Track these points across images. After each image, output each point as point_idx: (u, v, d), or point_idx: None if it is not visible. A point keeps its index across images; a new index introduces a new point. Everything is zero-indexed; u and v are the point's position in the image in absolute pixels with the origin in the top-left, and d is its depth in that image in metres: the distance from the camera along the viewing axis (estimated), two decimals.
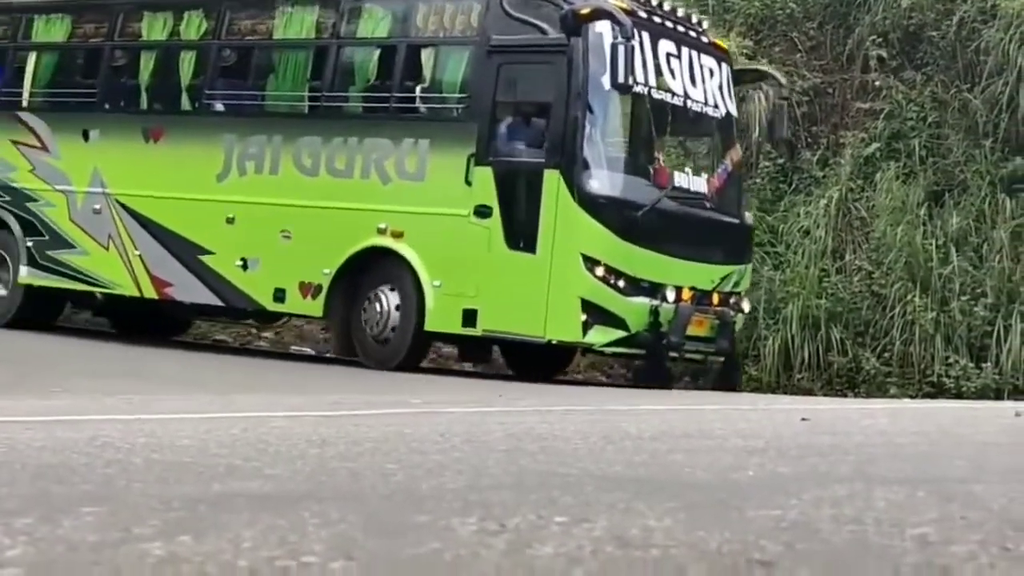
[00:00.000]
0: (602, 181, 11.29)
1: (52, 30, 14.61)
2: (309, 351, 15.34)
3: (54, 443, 4.25)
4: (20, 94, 14.74)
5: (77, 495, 2.88)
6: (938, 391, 13.08)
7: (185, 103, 13.48)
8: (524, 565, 2.04)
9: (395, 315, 11.89)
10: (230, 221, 12.71)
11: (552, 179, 11.17)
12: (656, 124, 11.60)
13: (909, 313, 13.52)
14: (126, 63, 14.02)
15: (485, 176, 11.46)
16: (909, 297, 13.62)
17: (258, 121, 13.03)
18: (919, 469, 3.62)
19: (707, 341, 11.79)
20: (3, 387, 7.72)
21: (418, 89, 12.20)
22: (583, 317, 11.03)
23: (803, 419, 5.67)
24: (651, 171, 11.62)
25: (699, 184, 12.06)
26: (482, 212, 11.38)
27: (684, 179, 11.88)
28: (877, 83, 15.37)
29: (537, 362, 12.53)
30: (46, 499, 2.81)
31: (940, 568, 2.09)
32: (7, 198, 14.44)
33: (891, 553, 2.18)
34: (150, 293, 13.33)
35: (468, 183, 11.50)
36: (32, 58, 14.87)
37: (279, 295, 12.43)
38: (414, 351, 11.93)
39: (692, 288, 11.56)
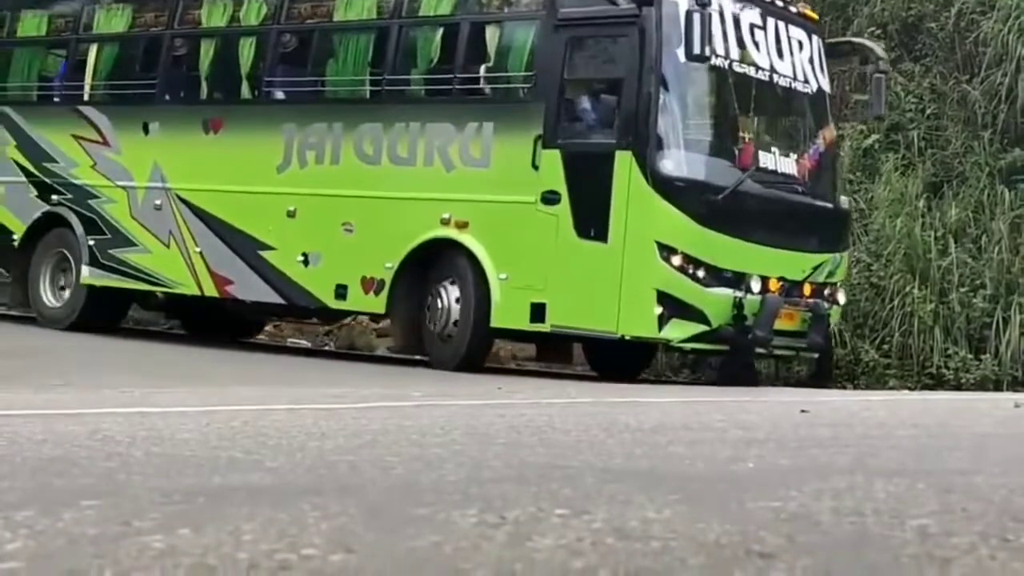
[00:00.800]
0: (678, 162, 10.59)
1: (113, 21, 14.17)
2: (306, 344, 15.34)
3: (55, 436, 4.25)
4: (82, 88, 14.28)
5: (77, 488, 2.88)
6: (937, 383, 13.09)
7: (245, 91, 13.01)
8: (524, 557, 2.04)
9: (456, 310, 11.24)
10: (291, 214, 12.19)
11: (624, 161, 10.48)
12: (739, 100, 10.88)
13: (908, 305, 13.52)
14: (186, 52, 13.59)
15: (553, 160, 10.80)
16: (908, 289, 13.62)
17: (318, 108, 12.48)
18: (919, 461, 3.63)
19: (798, 336, 11.10)
20: (4, 380, 7.73)
21: (482, 69, 11.60)
22: (659, 310, 10.39)
23: (802, 411, 5.67)
24: (733, 151, 10.90)
25: (788, 165, 11.26)
26: (550, 199, 10.75)
27: (771, 160, 11.12)
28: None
29: (620, 361, 11.91)
30: (47, 492, 2.81)
31: (940, 560, 2.09)
32: (69, 195, 13.96)
33: (891, 544, 2.18)
34: (211, 292, 12.84)
35: (535, 167, 10.86)
36: (93, 50, 14.29)
37: (341, 292, 11.87)
38: (477, 349, 11.31)
39: (780, 278, 10.87)
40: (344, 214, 11.90)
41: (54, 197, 14.02)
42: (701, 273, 10.46)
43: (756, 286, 10.64)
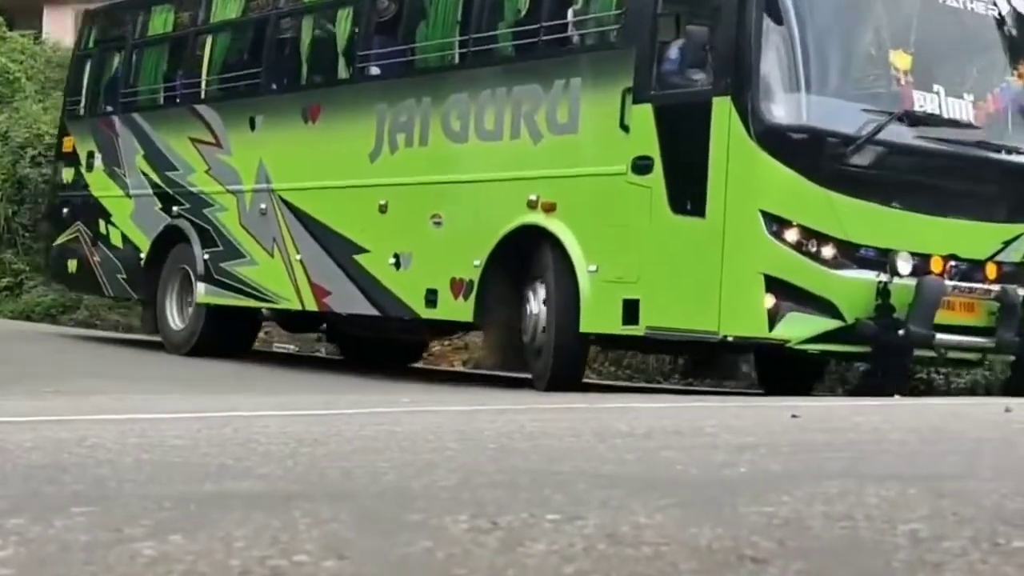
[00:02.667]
0: (791, 106, 8.48)
1: (228, 7, 13.08)
2: (293, 348, 15.28)
3: (45, 443, 4.24)
4: (198, 85, 13.15)
5: (68, 495, 2.88)
6: (928, 388, 13.09)
7: (341, 70, 11.65)
8: (516, 563, 2.04)
9: (543, 313, 9.35)
10: (383, 209, 10.72)
11: (722, 109, 8.42)
12: (883, 22, 8.88)
13: None
14: (290, 34, 12.31)
15: (644, 117, 8.81)
16: None
17: (408, 82, 11.03)
18: (910, 466, 3.63)
19: (980, 333, 8.80)
20: None
21: (569, 13, 9.93)
22: (769, 302, 8.27)
23: (794, 416, 5.67)
24: (874, 90, 8.85)
25: (959, 108, 8.89)
26: (642, 166, 8.78)
27: (932, 101, 8.75)
28: None
29: (788, 374, 10.10)
30: (37, 499, 2.80)
31: (932, 564, 2.10)
32: (186, 205, 12.68)
33: (883, 549, 2.18)
34: (311, 305, 11.41)
35: (624, 129, 8.94)
36: (208, 43, 13.10)
37: (431, 298, 10.22)
38: (567, 360, 9.32)
39: (951, 256, 8.66)
40: (433, 205, 10.38)
41: (175, 209, 12.84)
42: (827, 251, 8.36)
43: (905, 266, 8.43)
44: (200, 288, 12.40)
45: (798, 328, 8.39)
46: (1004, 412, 6.21)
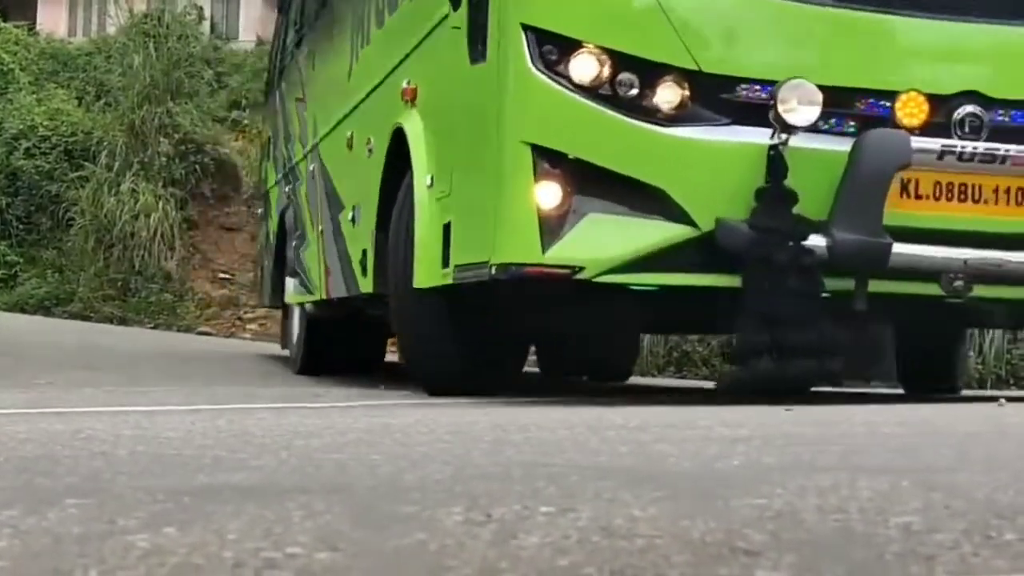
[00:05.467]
0: None
1: None
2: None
3: (39, 435, 4.24)
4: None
5: (62, 487, 2.88)
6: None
7: None
8: (510, 555, 2.05)
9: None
10: (348, 144, 8.55)
11: None
12: None
13: None
14: None
15: None
16: None
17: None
18: (903, 459, 3.64)
19: (1003, 242, 5.35)
20: None
21: None
22: (546, 194, 5.24)
23: (787, 409, 5.68)
24: None
25: None
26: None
27: None
28: None
29: (927, 368, 7.74)
30: (31, 491, 2.81)
31: (924, 557, 2.10)
32: (286, 184, 10.70)
33: (875, 542, 2.19)
34: (323, 291, 9.19)
35: None
36: None
37: (363, 262, 7.80)
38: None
39: (930, 97, 5.39)
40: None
41: (285, 189, 10.99)
42: (659, 93, 5.23)
43: (808, 112, 5.11)
44: (289, 285, 10.22)
45: (586, 244, 5.20)
46: (997, 406, 6.23)
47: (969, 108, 5.48)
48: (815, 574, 2.02)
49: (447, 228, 6.08)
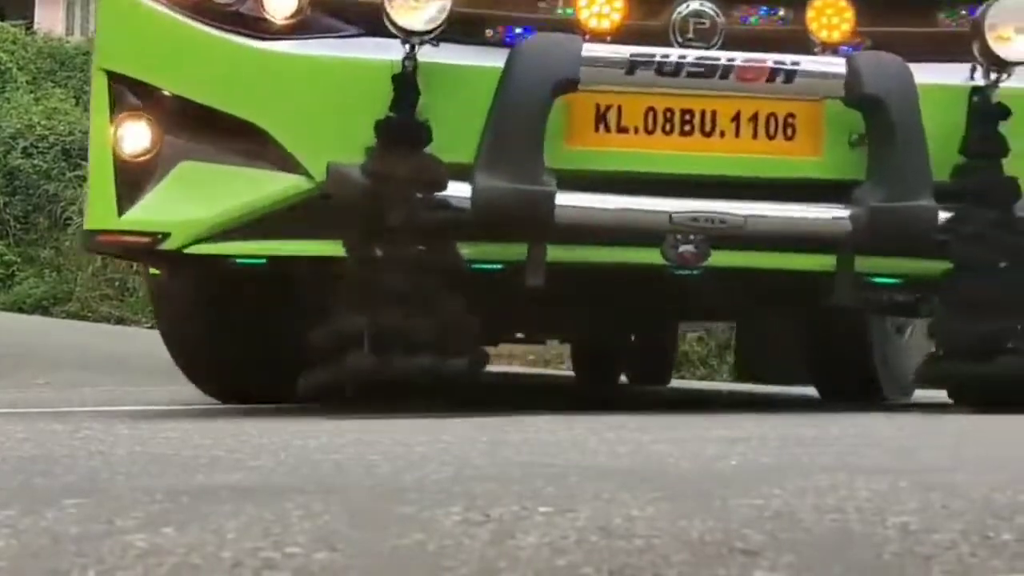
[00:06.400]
0: None
1: None
2: None
3: (36, 435, 4.24)
4: None
5: (60, 487, 2.88)
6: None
7: None
8: (508, 555, 2.05)
9: None
10: None
11: None
12: None
13: None
14: None
15: None
16: None
17: None
18: (900, 459, 3.64)
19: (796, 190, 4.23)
20: None
21: None
22: (130, 139, 4.32)
23: None
24: None
25: None
26: None
27: None
28: None
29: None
30: (29, 491, 2.80)
31: (922, 557, 2.10)
32: None
33: (873, 542, 2.19)
34: None
35: None
36: None
37: None
38: None
39: None
40: None
41: None
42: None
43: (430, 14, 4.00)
44: None
45: (174, 203, 4.20)
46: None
47: (694, 5, 4.10)
48: (813, 574, 2.02)
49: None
